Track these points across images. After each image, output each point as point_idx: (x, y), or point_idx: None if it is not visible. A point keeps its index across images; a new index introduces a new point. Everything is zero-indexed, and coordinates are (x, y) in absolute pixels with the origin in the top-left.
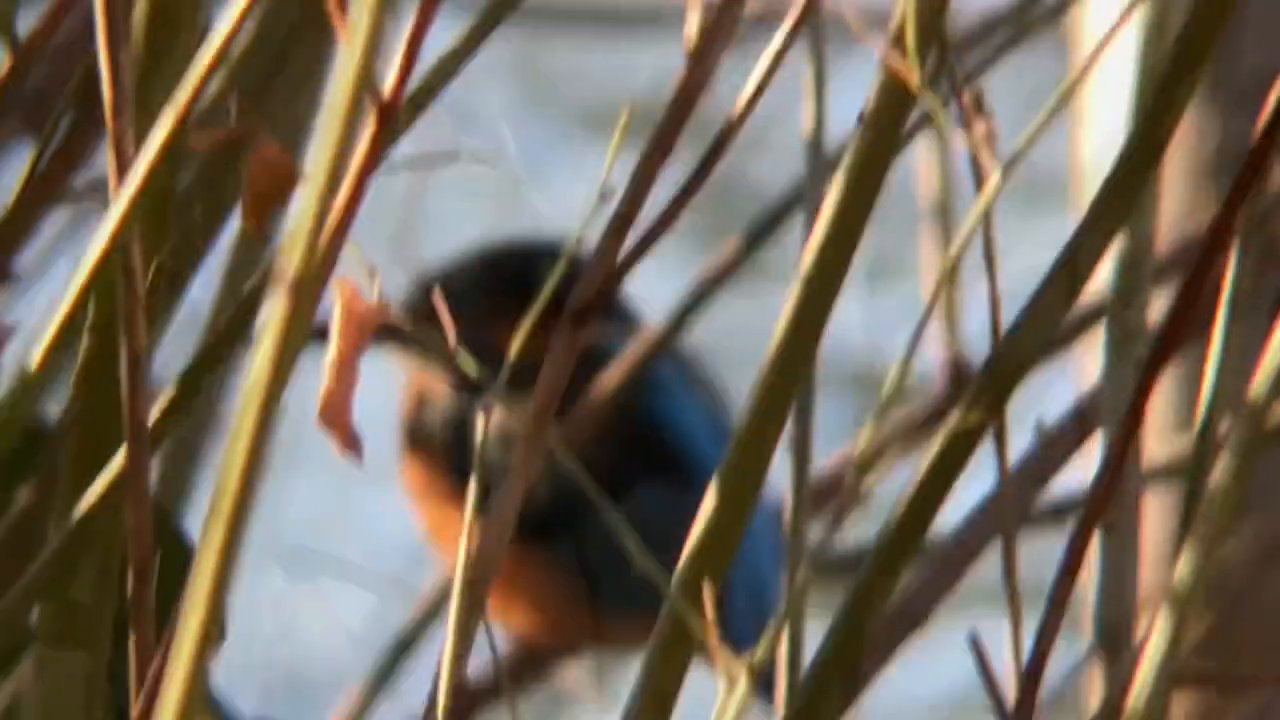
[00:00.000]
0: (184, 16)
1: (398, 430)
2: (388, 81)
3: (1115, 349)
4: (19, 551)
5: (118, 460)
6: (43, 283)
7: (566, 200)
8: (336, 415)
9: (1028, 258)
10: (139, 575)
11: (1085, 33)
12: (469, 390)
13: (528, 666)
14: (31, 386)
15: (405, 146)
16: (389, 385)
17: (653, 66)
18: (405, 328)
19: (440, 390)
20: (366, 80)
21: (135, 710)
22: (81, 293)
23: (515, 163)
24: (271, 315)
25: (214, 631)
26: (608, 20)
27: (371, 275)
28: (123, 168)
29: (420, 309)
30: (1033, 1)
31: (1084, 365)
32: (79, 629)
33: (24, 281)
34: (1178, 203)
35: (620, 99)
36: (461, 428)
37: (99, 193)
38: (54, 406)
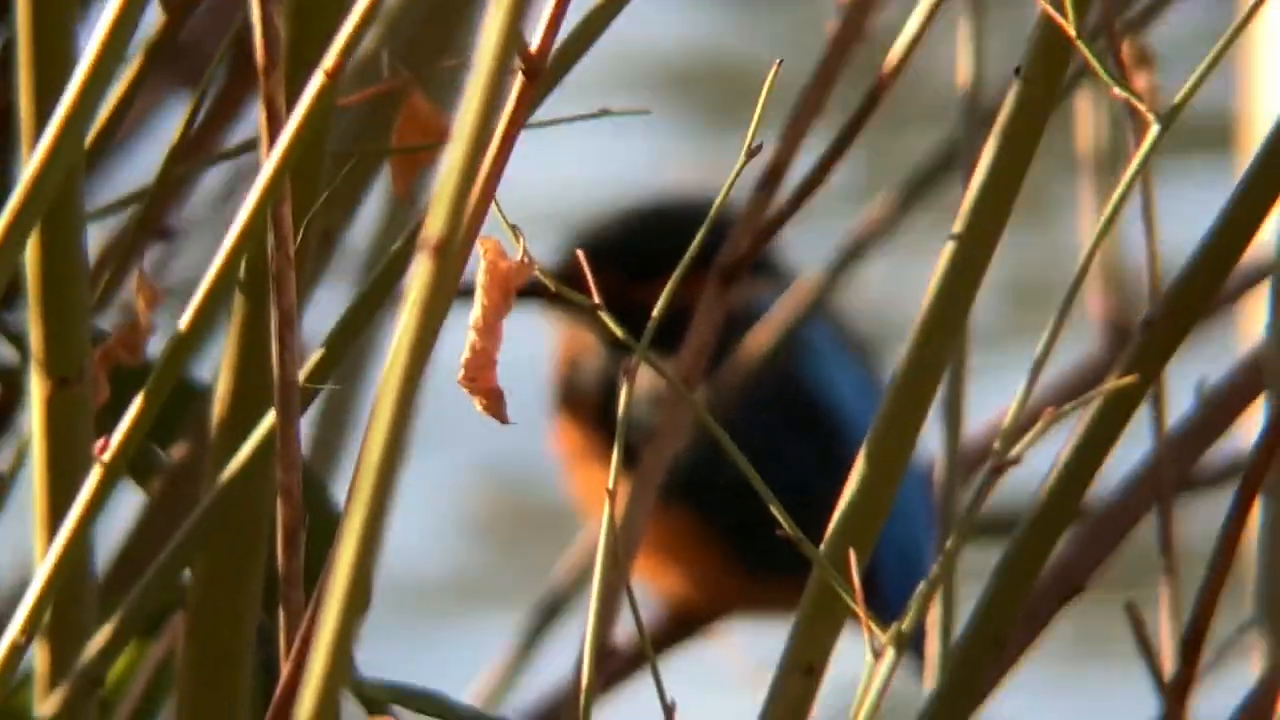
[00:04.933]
0: None
1: (549, 392)
2: (535, 38)
3: (1279, 307)
4: (170, 511)
5: (267, 421)
6: (197, 241)
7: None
8: (480, 376)
9: (1191, 212)
10: (288, 537)
11: None
12: (620, 350)
13: (678, 630)
14: (183, 345)
15: (552, 103)
16: (539, 344)
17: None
18: (550, 287)
19: (592, 351)
20: (514, 36)
21: (284, 673)
22: (233, 251)
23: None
24: (417, 276)
25: (361, 596)
26: None
27: (516, 234)
28: (274, 125)
29: (568, 268)
30: None
31: (1248, 324)
32: (229, 589)
33: (178, 240)
34: None
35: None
36: (614, 388)
37: (251, 151)
38: (206, 366)
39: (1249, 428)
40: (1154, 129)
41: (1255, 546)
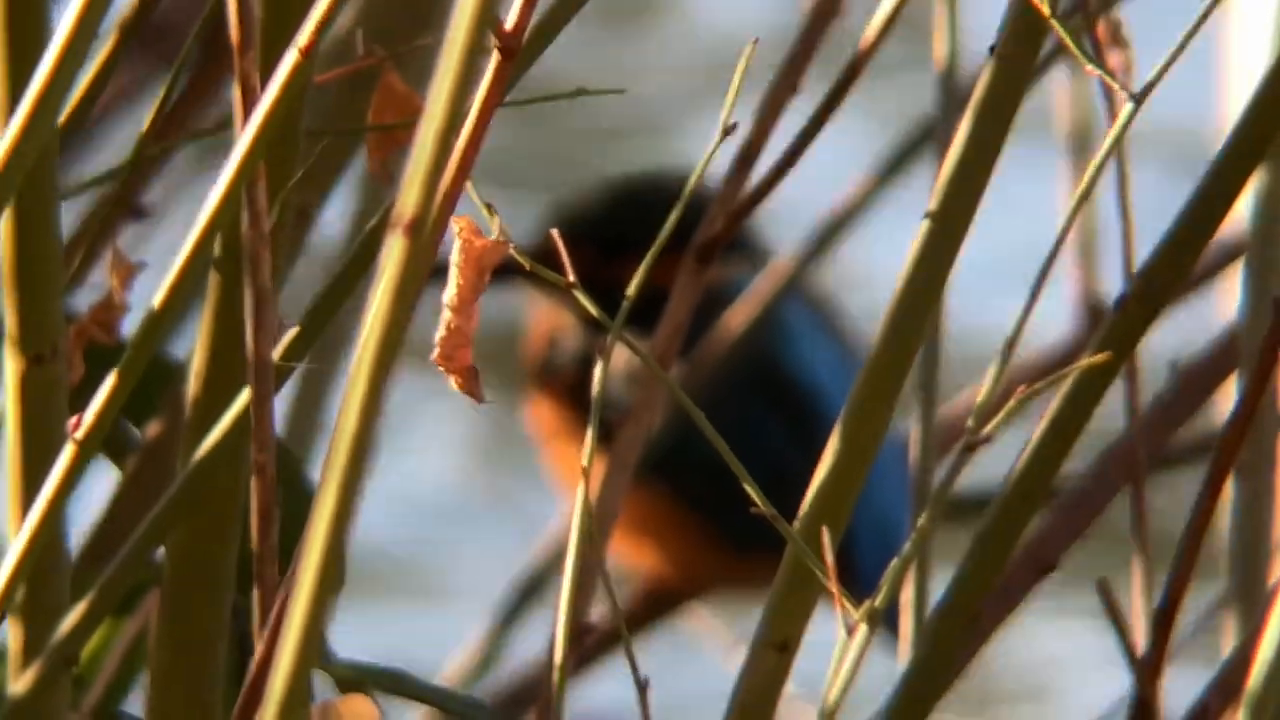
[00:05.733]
0: None
1: (525, 370)
2: (511, 15)
3: (1253, 286)
4: (145, 488)
5: (242, 399)
6: (171, 219)
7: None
8: (455, 354)
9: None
10: (262, 515)
11: None
12: (597, 329)
13: (655, 607)
14: (158, 323)
15: (528, 83)
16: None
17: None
18: (525, 266)
19: (568, 328)
20: (488, 14)
21: (258, 651)
22: (207, 229)
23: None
24: (390, 254)
25: (334, 573)
26: None
27: (491, 212)
28: (249, 104)
29: (544, 245)
30: None
31: (1222, 303)
32: (203, 566)
33: (152, 218)
34: None
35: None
36: (590, 367)
37: (226, 129)
38: (180, 344)
39: (1223, 405)
40: (1127, 107)
41: (1227, 524)
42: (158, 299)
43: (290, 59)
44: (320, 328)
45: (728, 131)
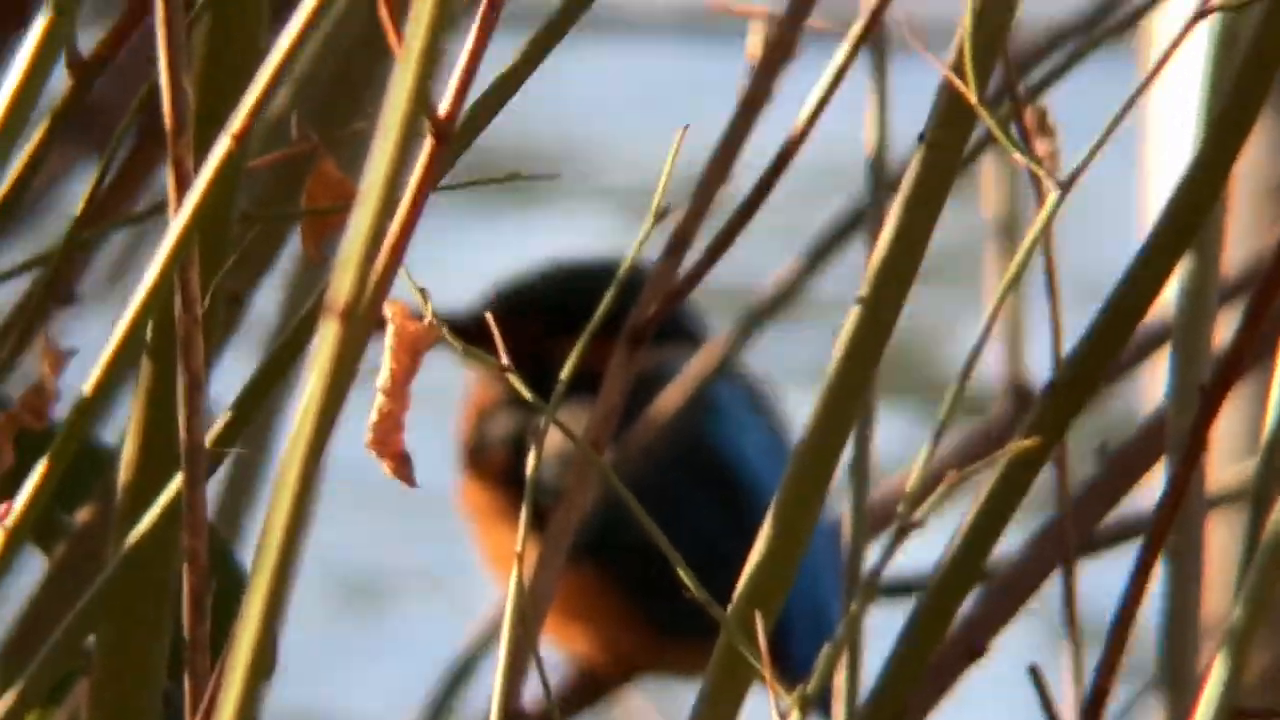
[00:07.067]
0: (246, 35)
1: (455, 448)
2: (445, 100)
3: (1180, 372)
4: (75, 576)
5: (173, 485)
6: (103, 305)
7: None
8: (388, 439)
9: (1089, 277)
10: (194, 602)
11: (1155, 48)
12: (530, 408)
13: (586, 692)
14: (88, 409)
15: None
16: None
17: (715, 81)
18: (458, 349)
19: (501, 405)
20: (423, 99)
21: None
22: (139, 314)
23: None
24: (323, 339)
25: (265, 661)
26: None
27: (424, 297)
28: (182, 188)
29: (479, 327)
30: (1102, 15)
31: (1149, 388)
32: (134, 655)
33: (84, 304)
34: (1245, 222)
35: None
36: (522, 446)
37: (159, 214)
38: (112, 430)
39: (1151, 489)
40: (1053, 195)
41: (1156, 607)
42: (89, 384)
43: (224, 144)
44: (252, 413)
45: (660, 216)
